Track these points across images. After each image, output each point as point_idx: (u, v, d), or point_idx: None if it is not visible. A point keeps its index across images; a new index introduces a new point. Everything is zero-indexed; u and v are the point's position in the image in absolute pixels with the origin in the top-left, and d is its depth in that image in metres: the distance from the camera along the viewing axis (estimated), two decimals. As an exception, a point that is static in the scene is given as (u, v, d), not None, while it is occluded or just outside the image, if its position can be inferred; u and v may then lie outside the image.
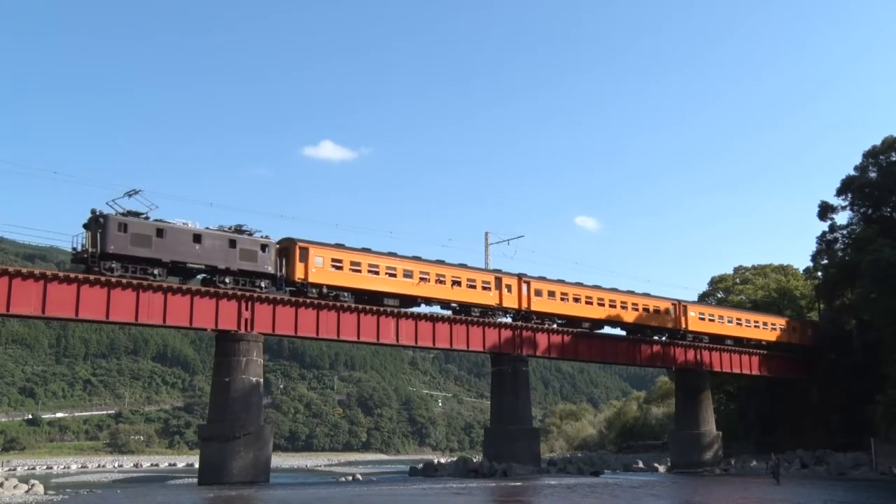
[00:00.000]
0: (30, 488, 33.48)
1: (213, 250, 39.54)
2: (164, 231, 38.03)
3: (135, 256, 37.24)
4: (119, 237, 36.67)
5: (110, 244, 36.44)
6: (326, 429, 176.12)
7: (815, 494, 33.80)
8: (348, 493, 33.52)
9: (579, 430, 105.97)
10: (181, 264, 38.92)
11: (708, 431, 59.98)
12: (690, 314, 61.16)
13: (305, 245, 42.37)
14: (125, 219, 37.11)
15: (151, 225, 37.81)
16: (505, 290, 50.65)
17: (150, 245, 37.50)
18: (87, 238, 36.78)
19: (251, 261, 40.67)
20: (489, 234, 69.88)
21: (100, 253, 36.35)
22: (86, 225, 37.28)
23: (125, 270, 37.18)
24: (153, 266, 38.00)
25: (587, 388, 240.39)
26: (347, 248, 44.22)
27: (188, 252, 38.82)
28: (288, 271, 41.99)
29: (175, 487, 42.73)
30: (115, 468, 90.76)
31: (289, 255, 42.22)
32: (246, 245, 40.61)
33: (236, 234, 40.51)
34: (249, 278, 40.88)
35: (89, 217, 37.13)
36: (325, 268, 42.97)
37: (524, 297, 51.47)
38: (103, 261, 36.53)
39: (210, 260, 39.52)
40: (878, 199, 61.01)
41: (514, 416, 49.71)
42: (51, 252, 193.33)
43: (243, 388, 39.25)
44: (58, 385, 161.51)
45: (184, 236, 38.72)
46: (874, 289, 52.77)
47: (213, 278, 40.14)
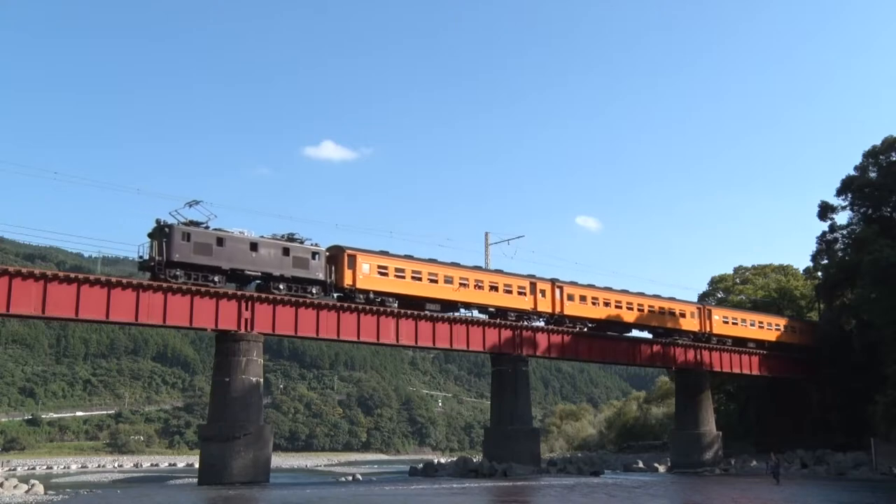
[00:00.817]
0: (30, 488, 33.47)
1: (268, 258, 41.15)
2: (224, 240, 39.77)
3: (197, 264, 38.91)
4: (183, 246, 38.33)
5: (175, 253, 38.07)
6: (326, 429, 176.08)
7: (814, 494, 33.80)
8: (348, 493, 33.50)
9: (579, 430, 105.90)
10: (239, 271, 40.55)
11: (708, 431, 59.97)
12: (715, 318, 62.42)
13: (353, 252, 43.94)
14: (188, 228, 38.80)
15: (212, 234, 39.48)
16: (539, 294, 52.00)
17: (210, 253, 39.21)
18: (153, 247, 38.25)
19: (303, 268, 42.17)
20: (489, 234, 69.93)
21: (165, 261, 37.87)
22: (150, 234, 38.89)
23: (188, 277, 38.80)
24: (213, 273, 39.70)
25: (587, 388, 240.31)
26: (392, 255, 45.74)
27: (245, 260, 40.50)
28: (337, 278, 43.49)
29: (175, 487, 42.71)
30: (115, 468, 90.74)
31: (337, 262, 43.70)
32: (298, 253, 42.15)
33: (289, 243, 42.04)
34: (301, 285, 42.35)
35: (154, 227, 38.74)
36: (371, 274, 44.52)
37: (557, 301, 52.88)
38: (168, 268, 38.09)
39: (265, 267, 41.13)
40: (878, 199, 61.00)
41: (514, 416, 49.70)
42: (51, 252, 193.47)
43: (243, 388, 39.24)
44: (58, 385, 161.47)
45: (241, 245, 40.43)
46: (874, 289, 52.78)
47: (267, 285, 41.58)
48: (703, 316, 61.77)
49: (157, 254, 37.95)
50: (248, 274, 40.98)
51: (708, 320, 61.82)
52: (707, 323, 61.69)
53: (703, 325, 61.44)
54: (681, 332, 60.45)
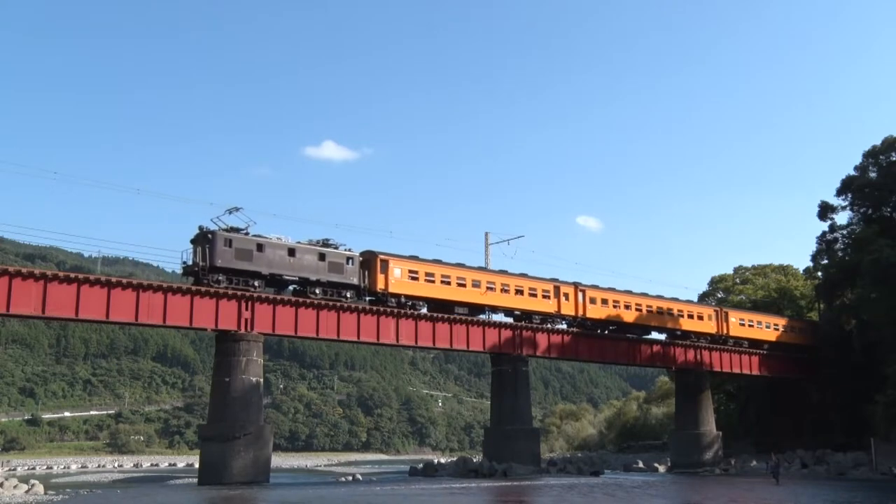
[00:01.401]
0: (30, 488, 33.46)
1: (305, 263, 42.22)
2: (263, 246, 40.76)
3: (238, 269, 39.99)
4: (225, 252, 39.45)
5: (218, 258, 39.19)
6: (326, 429, 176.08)
7: (814, 494, 33.79)
8: (348, 493, 33.51)
9: (579, 430, 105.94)
10: (278, 276, 41.56)
11: (708, 431, 59.99)
12: (731, 320, 63.53)
13: (386, 258, 45.01)
14: (229, 235, 39.91)
15: (252, 240, 40.54)
16: (563, 298, 53.14)
17: (251, 259, 40.28)
18: (196, 252, 39.49)
19: (338, 273, 43.27)
20: (489, 234, 69.86)
21: (209, 266, 38.99)
22: (193, 240, 40.13)
23: (229, 282, 39.92)
24: (253, 278, 40.70)
25: (587, 388, 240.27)
26: (422, 260, 46.87)
27: (284, 265, 41.55)
28: (370, 282, 44.52)
29: (175, 487, 42.70)
30: (115, 468, 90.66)
31: (370, 266, 44.72)
32: (334, 258, 43.22)
33: (325, 248, 43.14)
34: (336, 289, 43.41)
35: (197, 233, 39.99)
36: (402, 278, 45.62)
37: (580, 304, 53.95)
38: (211, 273, 39.26)
39: (302, 272, 42.18)
40: (878, 199, 60.96)
41: (514, 416, 49.70)
42: (51, 252, 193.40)
43: (243, 388, 39.25)
44: (58, 385, 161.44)
45: (280, 250, 41.47)
46: (874, 289, 52.80)
47: (304, 289, 42.58)
48: (720, 318, 62.94)
49: (201, 259, 39.07)
50: (286, 279, 41.98)
51: (725, 323, 62.97)
52: (724, 325, 62.80)
53: (721, 328, 62.56)
54: (698, 335, 61.40)
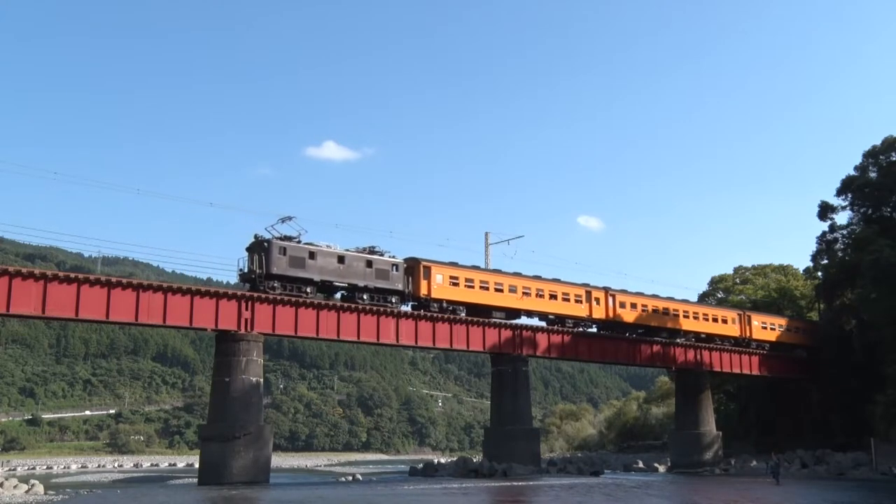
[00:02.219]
0: (30, 488, 33.47)
1: (353, 270, 43.71)
2: (315, 254, 42.31)
3: (292, 276, 41.39)
4: (280, 259, 40.97)
5: (273, 266, 40.67)
6: (326, 429, 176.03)
7: (815, 494, 33.79)
8: (348, 493, 33.51)
9: (579, 430, 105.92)
10: (328, 283, 42.98)
11: (708, 431, 59.97)
12: (755, 323, 65.06)
13: (428, 264, 46.69)
14: (284, 243, 41.38)
15: (305, 248, 42.01)
16: (594, 302, 54.86)
17: (304, 266, 41.76)
18: (252, 260, 40.97)
19: (385, 279, 44.81)
20: (489, 234, 69.87)
21: (265, 274, 40.37)
22: (248, 248, 41.77)
23: (283, 289, 41.27)
24: (306, 285, 42.08)
25: (587, 388, 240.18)
26: (461, 266, 48.68)
27: (334, 272, 43.03)
28: (414, 288, 46.06)
29: (175, 487, 42.69)
30: (115, 468, 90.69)
31: (414, 273, 46.28)
32: (380, 265, 44.83)
33: (372, 255, 44.70)
34: (382, 295, 44.89)
35: (252, 241, 41.64)
36: (444, 284, 47.31)
37: (610, 308, 55.61)
38: (267, 281, 40.63)
39: (351, 279, 43.65)
40: (878, 199, 60.93)
41: (514, 416, 49.70)
42: (51, 252, 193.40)
43: (243, 388, 39.25)
44: (58, 385, 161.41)
45: (330, 258, 42.97)
46: (874, 289, 52.73)
47: (352, 295, 44.05)
48: (743, 322, 64.33)
49: (258, 267, 40.47)
50: (336, 285, 43.40)
51: (748, 326, 64.17)
52: (747, 328, 63.95)
53: (744, 331, 63.93)
54: (722, 338, 62.89)
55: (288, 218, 42.94)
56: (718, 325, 62.55)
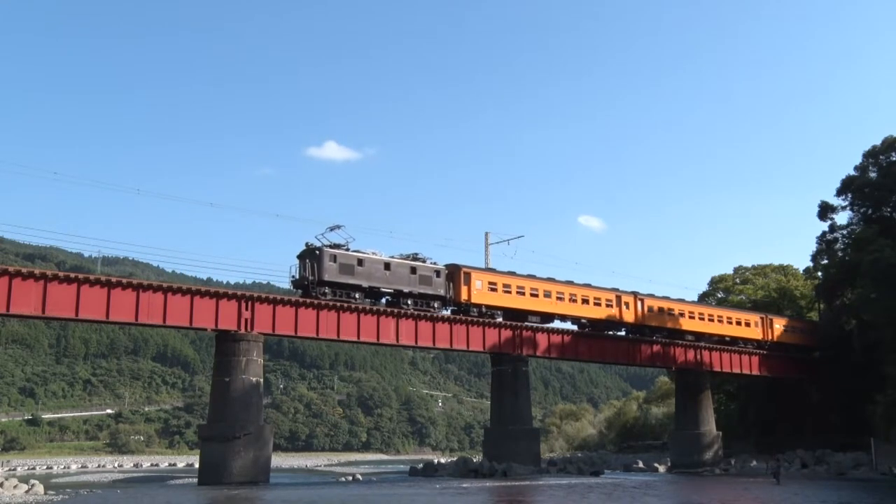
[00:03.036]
0: (30, 488, 33.46)
1: (399, 276, 45.33)
2: (363, 261, 43.95)
3: (342, 283, 42.94)
4: (331, 267, 42.56)
5: (325, 273, 42.25)
6: (326, 429, 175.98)
7: (815, 494, 33.77)
8: (348, 493, 33.50)
9: (579, 430, 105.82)
10: (375, 289, 44.50)
11: (708, 431, 59.94)
12: (776, 326, 66.59)
13: (468, 270, 48.33)
14: (334, 251, 42.94)
15: (353, 255, 43.62)
16: (624, 306, 56.32)
17: (353, 273, 43.43)
18: (304, 267, 42.47)
19: (428, 285, 46.48)
20: (489, 233, 69.68)
21: (317, 280, 41.88)
22: (300, 256, 43.17)
23: (334, 294, 42.89)
24: (355, 291, 43.65)
25: (587, 388, 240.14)
26: (498, 272, 50.46)
27: (381, 278, 44.62)
28: (455, 293, 47.56)
29: (175, 487, 42.68)
30: (115, 468, 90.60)
31: (455, 279, 47.80)
32: (424, 271, 46.51)
33: (415, 262, 46.35)
34: (425, 300, 46.47)
35: (303, 249, 43.07)
36: (483, 290, 48.81)
37: (639, 312, 57.07)
38: (319, 287, 42.24)
39: (397, 285, 45.21)
40: (878, 199, 60.87)
41: (514, 416, 49.69)
42: (51, 252, 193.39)
43: (243, 388, 39.25)
44: (58, 385, 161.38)
45: (377, 265, 44.61)
46: (874, 289, 52.69)
47: (397, 300, 45.51)
48: (765, 325, 65.59)
49: (310, 274, 42.00)
50: (383, 291, 44.89)
51: (770, 329, 65.67)
52: (769, 332, 65.47)
53: (766, 334, 65.20)
54: (746, 341, 64.45)
55: (337, 226, 44.74)
56: (742, 328, 63.87)
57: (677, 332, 59.99)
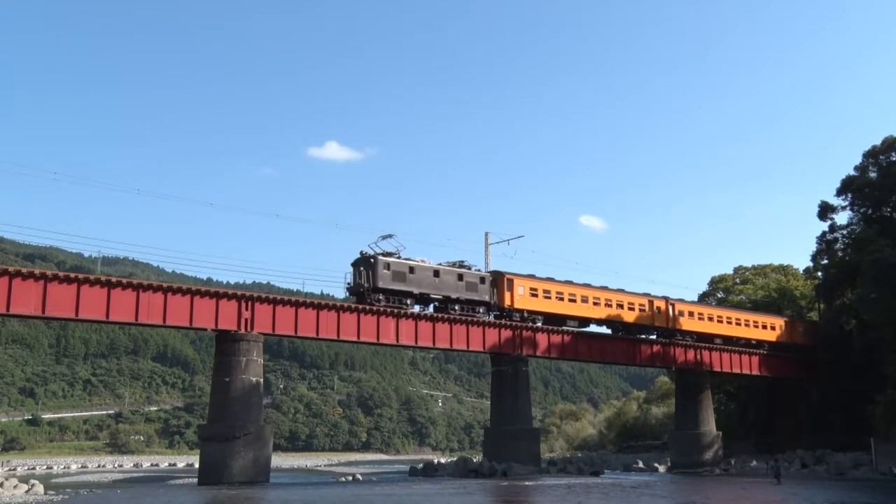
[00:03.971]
0: (30, 488, 33.48)
1: (447, 283, 47.32)
2: (414, 269, 45.92)
3: (394, 290, 44.77)
4: (385, 274, 44.45)
5: (379, 280, 44.12)
6: (326, 429, 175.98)
7: (815, 494, 33.76)
8: (348, 493, 33.49)
9: (579, 430, 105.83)
10: (425, 295, 46.41)
11: (708, 431, 59.94)
12: (799, 329, 68.52)
13: (511, 277, 50.14)
14: (388, 259, 44.94)
15: (405, 263, 45.61)
16: (656, 311, 58.36)
17: (405, 280, 45.28)
18: (360, 275, 44.17)
19: (474, 291, 48.39)
20: (489, 233, 69.65)
21: (372, 287, 43.66)
22: (354, 263, 44.94)
23: (387, 300, 44.67)
24: (406, 297, 45.54)
25: (587, 388, 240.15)
26: (538, 278, 51.88)
27: (430, 285, 46.55)
28: (498, 299, 49.34)
29: (175, 487, 42.67)
30: (115, 468, 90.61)
31: (498, 285, 49.63)
32: (470, 278, 48.52)
33: (462, 269, 48.44)
34: (471, 305, 48.36)
35: (358, 257, 44.86)
36: (525, 295, 50.60)
37: (670, 317, 59.24)
38: (374, 294, 43.95)
39: (445, 291, 47.14)
40: (878, 199, 60.89)
41: (514, 417, 49.71)
42: (51, 252, 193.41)
43: (243, 388, 39.25)
44: (58, 385, 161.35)
45: (427, 272, 46.57)
46: (874, 289, 52.67)
47: (445, 306, 47.45)
48: (788, 328, 67.51)
49: (365, 281, 43.85)
50: (432, 297, 46.84)
51: (793, 332, 67.65)
52: (794, 335, 67.50)
53: (791, 337, 67.18)
54: (771, 344, 66.29)
55: (388, 235, 46.86)
56: (767, 331, 65.66)
57: (706, 336, 61.50)
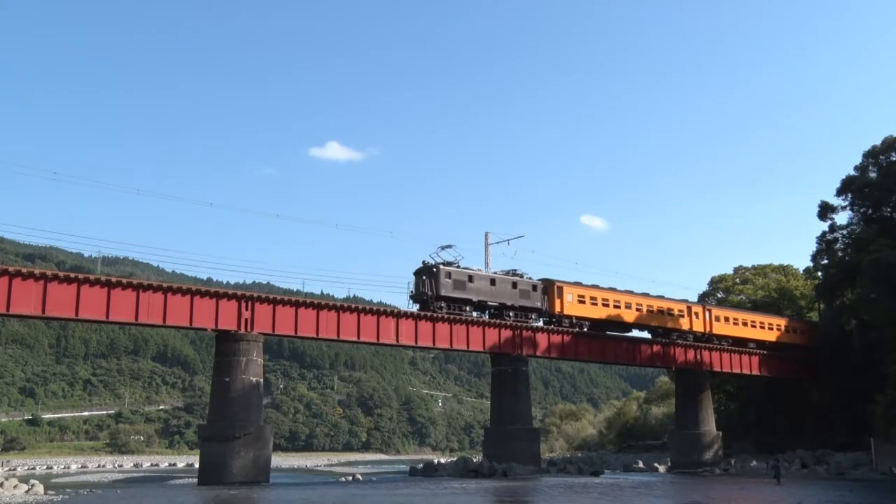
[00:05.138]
0: (30, 488, 33.48)
1: (502, 291, 49.46)
2: (473, 277, 48.29)
3: (455, 297, 47.14)
4: (447, 283, 46.89)
5: (442, 289, 46.51)
6: (326, 429, 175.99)
7: (815, 494, 33.76)
8: (348, 494, 33.48)
9: (579, 430, 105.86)
10: (482, 303, 48.62)
11: (708, 431, 59.90)
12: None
13: (561, 285, 52.42)
14: (449, 269, 47.41)
15: (465, 272, 48.07)
16: (693, 316, 60.54)
17: (464, 289, 47.70)
18: (423, 283, 46.60)
19: (527, 298, 50.59)
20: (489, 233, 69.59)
21: (434, 295, 46.13)
22: (416, 272, 47.53)
23: (448, 308, 46.93)
24: (465, 305, 47.83)
25: (587, 388, 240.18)
26: (585, 286, 54.20)
27: (487, 293, 48.75)
28: (549, 306, 51.58)
29: (175, 487, 42.67)
30: (115, 468, 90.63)
31: (549, 292, 51.87)
32: (523, 286, 50.58)
33: (516, 278, 50.50)
34: (525, 312, 50.49)
35: (420, 267, 47.54)
36: (574, 302, 52.95)
37: (707, 322, 61.32)
38: (436, 301, 46.34)
39: (501, 299, 49.29)
40: (878, 199, 60.83)
41: (514, 416, 49.68)
42: (51, 252, 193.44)
43: (243, 388, 39.24)
44: (58, 385, 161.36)
45: (484, 281, 48.93)
46: (874, 289, 52.65)
47: (500, 313, 49.51)
48: (811, 330, 69.31)
49: (428, 289, 46.34)
50: (489, 304, 48.88)
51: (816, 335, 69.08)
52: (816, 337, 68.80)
53: (814, 339, 68.59)
54: (799, 348, 68.06)
55: (448, 246, 49.40)
56: (796, 335, 67.73)
57: (740, 340, 63.45)
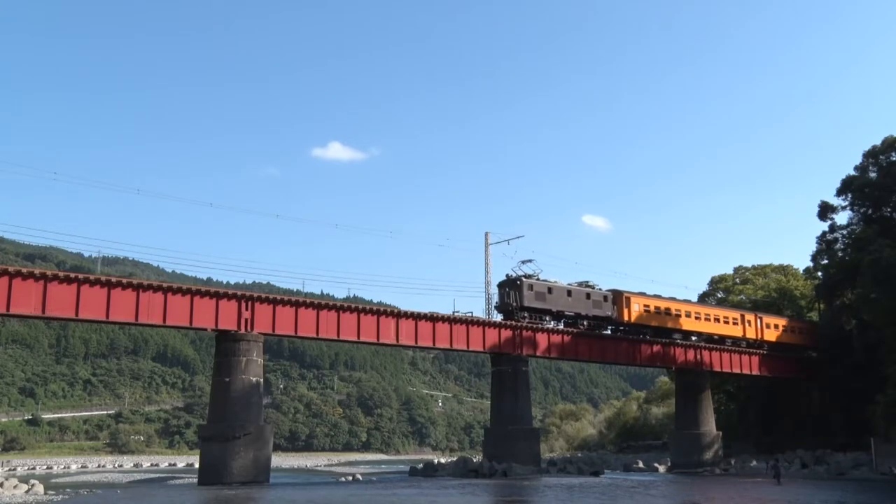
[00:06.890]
0: (30, 488, 33.49)
1: (578, 301, 53.30)
2: (552, 289, 51.92)
3: (536, 308, 50.72)
4: (529, 294, 50.55)
5: (525, 300, 50.22)
6: (326, 429, 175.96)
7: (815, 494, 33.77)
8: (348, 494, 33.48)
9: (579, 430, 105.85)
10: (561, 312, 52.12)
11: (708, 431, 59.90)
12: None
13: (628, 295, 56.58)
14: (531, 281, 51.09)
15: (544, 284, 51.80)
16: (746, 324, 63.67)
17: (544, 300, 51.35)
18: (507, 295, 50.20)
19: (599, 308, 54.26)
20: (489, 233, 69.61)
21: (518, 306, 49.78)
22: (500, 285, 51.51)
23: (530, 318, 50.43)
24: (545, 315, 51.39)
25: (587, 388, 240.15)
26: (648, 296, 58.43)
27: (564, 303, 52.45)
28: (618, 314, 55.50)
29: (175, 487, 42.68)
30: (115, 468, 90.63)
31: (618, 302, 55.89)
32: (595, 297, 54.54)
33: (588, 289, 54.39)
34: (597, 321, 54.27)
35: (504, 279, 51.49)
36: (640, 311, 56.98)
37: (759, 329, 64.39)
38: (520, 312, 49.92)
39: (576, 308, 53.04)
40: (878, 199, 60.85)
41: (514, 416, 49.69)
42: (51, 252, 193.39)
43: (243, 388, 39.24)
44: (58, 385, 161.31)
45: (561, 292, 52.55)
46: (874, 289, 52.65)
47: (575, 322, 53.26)
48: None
49: (513, 301, 49.95)
50: (566, 314, 52.40)
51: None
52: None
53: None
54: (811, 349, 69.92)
55: (528, 260, 53.06)
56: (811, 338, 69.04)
57: (788, 346, 66.77)
